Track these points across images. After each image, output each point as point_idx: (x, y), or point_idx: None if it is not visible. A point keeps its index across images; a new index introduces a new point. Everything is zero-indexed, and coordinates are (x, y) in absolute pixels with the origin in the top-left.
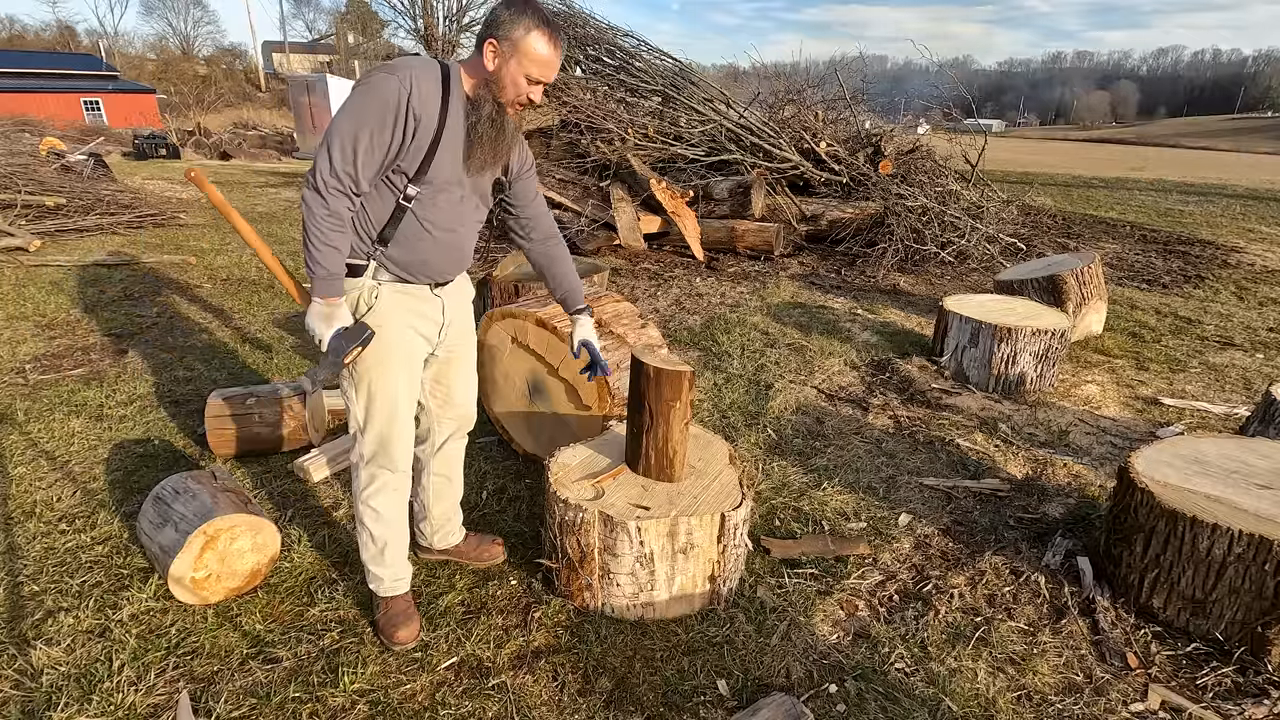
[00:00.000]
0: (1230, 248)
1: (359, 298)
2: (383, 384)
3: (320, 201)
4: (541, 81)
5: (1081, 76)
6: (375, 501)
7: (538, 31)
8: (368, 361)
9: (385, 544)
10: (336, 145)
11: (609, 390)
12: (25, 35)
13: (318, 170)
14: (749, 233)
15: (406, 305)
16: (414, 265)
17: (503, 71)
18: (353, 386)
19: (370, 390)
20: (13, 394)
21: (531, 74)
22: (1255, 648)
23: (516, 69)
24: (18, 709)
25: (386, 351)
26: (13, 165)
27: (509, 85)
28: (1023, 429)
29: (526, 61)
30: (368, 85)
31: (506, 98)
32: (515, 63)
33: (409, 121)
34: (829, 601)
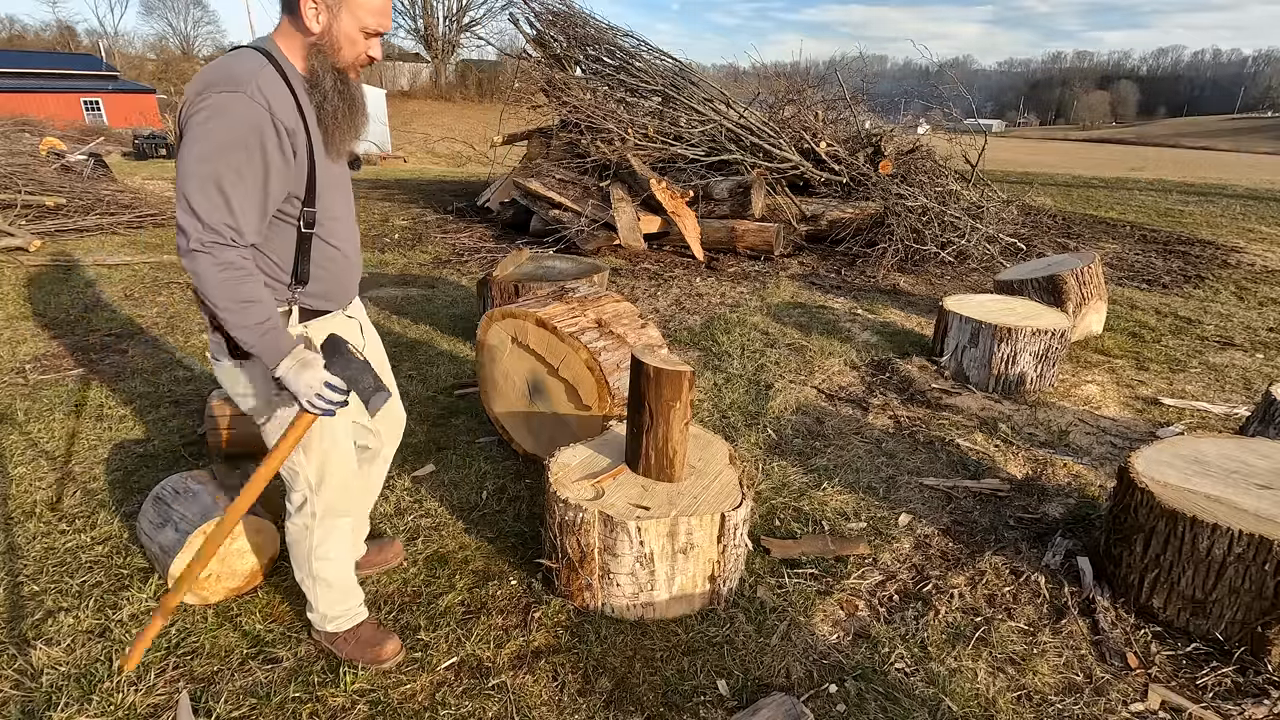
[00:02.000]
0: (1230, 248)
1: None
2: (333, 434)
3: (206, 260)
4: (380, 32)
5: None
6: (332, 550)
7: None
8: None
9: (345, 583)
10: (198, 197)
11: (609, 390)
12: (25, 35)
13: (186, 233)
14: (749, 233)
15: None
16: (333, 294)
17: (334, 30)
18: (299, 448)
19: (335, 434)
20: (13, 394)
21: (368, 25)
22: (1255, 648)
23: (350, 22)
24: (18, 709)
25: None
26: (13, 165)
27: (345, 45)
28: (1023, 429)
29: (360, 11)
30: (212, 115)
31: (345, 60)
32: (347, 16)
33: (283, 141)
34: (829, 601)
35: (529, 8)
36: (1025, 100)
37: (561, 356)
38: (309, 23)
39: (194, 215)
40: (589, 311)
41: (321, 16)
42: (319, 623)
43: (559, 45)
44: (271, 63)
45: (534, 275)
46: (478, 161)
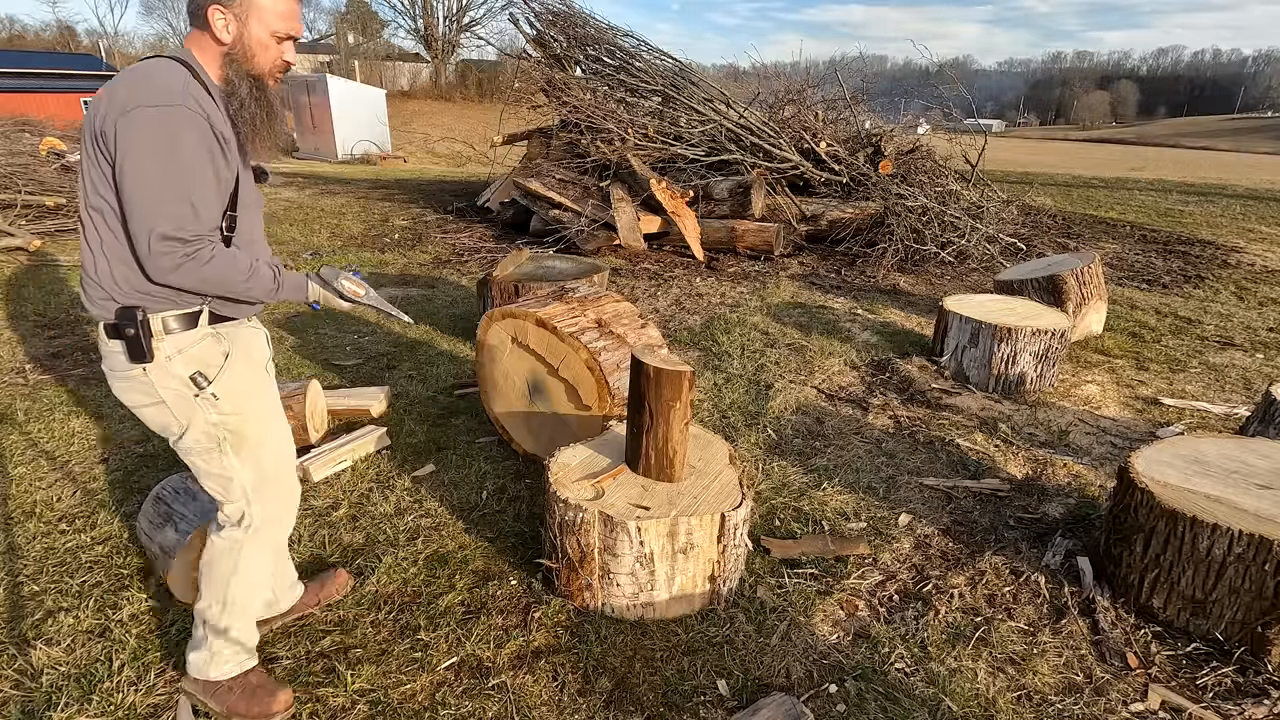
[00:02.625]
0: (1230, 248)
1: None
2: (270, 430)
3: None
4: (292, 36)
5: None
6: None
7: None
8: (243, 412)
9: (250, 619)
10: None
11: (609, 390)
12: (25, 35)
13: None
14: (749, 233)
15: (249, 343)
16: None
17: (245, 39)
18: (228, 453)
19: (261, 440)
20: (13, 394)
21: (278, 29)
22: (1255, 648)
23: (259, 29)
24: (18, 709)
25: (256, 387)
26: (13, 165)
27: (258, 51)
28: (1023, 429)
29: (269, 16)
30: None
31: (260, 67)
32: (256, 22)
33: (223, 150)
34: (829, 601)
35: (529, 8)
36: (1025, 100)
37: (561, 356)
38: (219, 33)
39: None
40: (589, 311)
41: (231, 26)
42: (200, 666)
43: (559, 45)
44: (191, 74)
45: (534, 275)
46: (478, 161)
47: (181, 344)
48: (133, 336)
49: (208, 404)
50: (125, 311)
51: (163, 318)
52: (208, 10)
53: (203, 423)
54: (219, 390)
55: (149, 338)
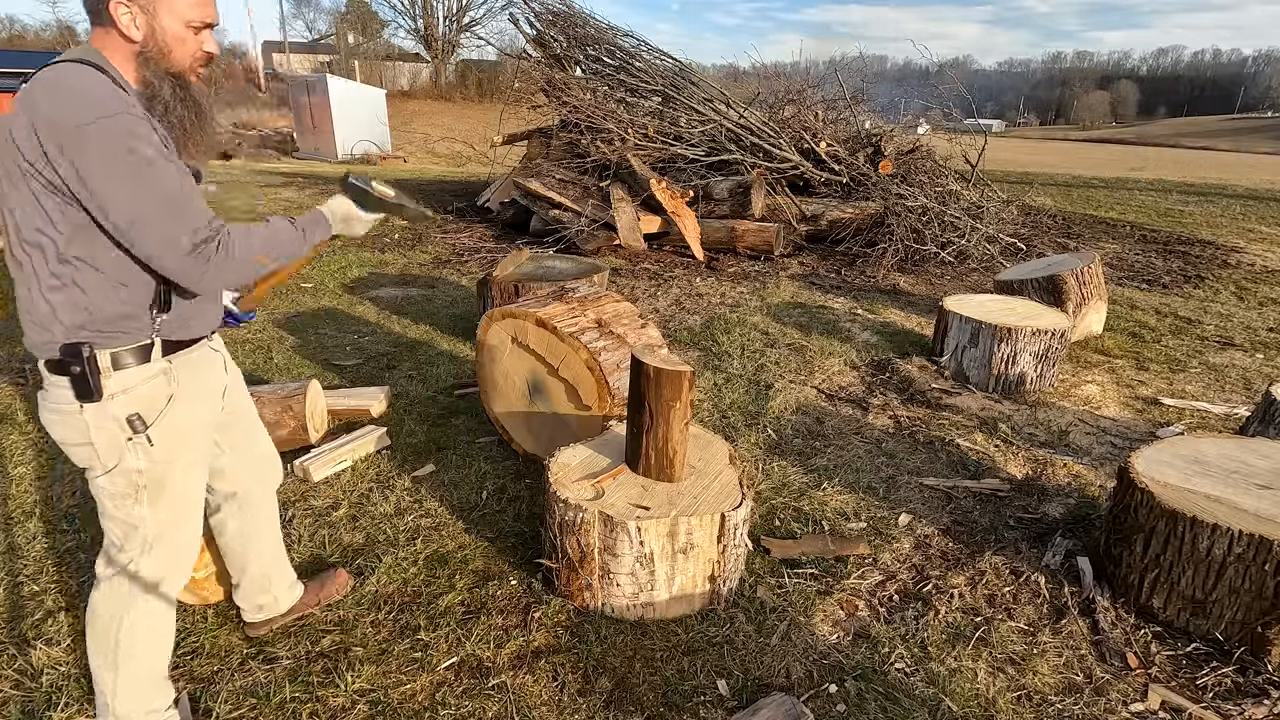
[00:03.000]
0: (1230, 248)
1: (153, 390)
2: (192, 483)
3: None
4: (208, 24)
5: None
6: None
7: None
8: (171, 461)
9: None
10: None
11: (609, 390)
12: (25, 35)
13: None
14: (749, 233)
15: (197, 380)
16: (195, 319)
17: (158, 33)
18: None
19: (177, 493)
20: (13, 394)
21: (191, 18)
22: (1255, 648)
23: (170, 20)
24: (18, 709)
25: (192, 442)
26: None
27: (175, 46)
28: (1023, 429)
29: (180, 5)
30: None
31: (179, 63)
32: (166, 13)
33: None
34: (829, 601)
35: (529, 8)
36: (1025, 100)
37: (561, 356)
38: (127, 30)
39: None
40: (589, 311)
41: (139, 21)
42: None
43: (559, 45)
44: (109, 79)
45: (534, 275)
46: (478, 161)
47: (128, 382)
48: (79, 374)
49: (139, 449)
50: (70, 348)
51: (111, 353)
52: (109, 5)
53: (127, 469)
54: (155, 435)
55: (96, 375)
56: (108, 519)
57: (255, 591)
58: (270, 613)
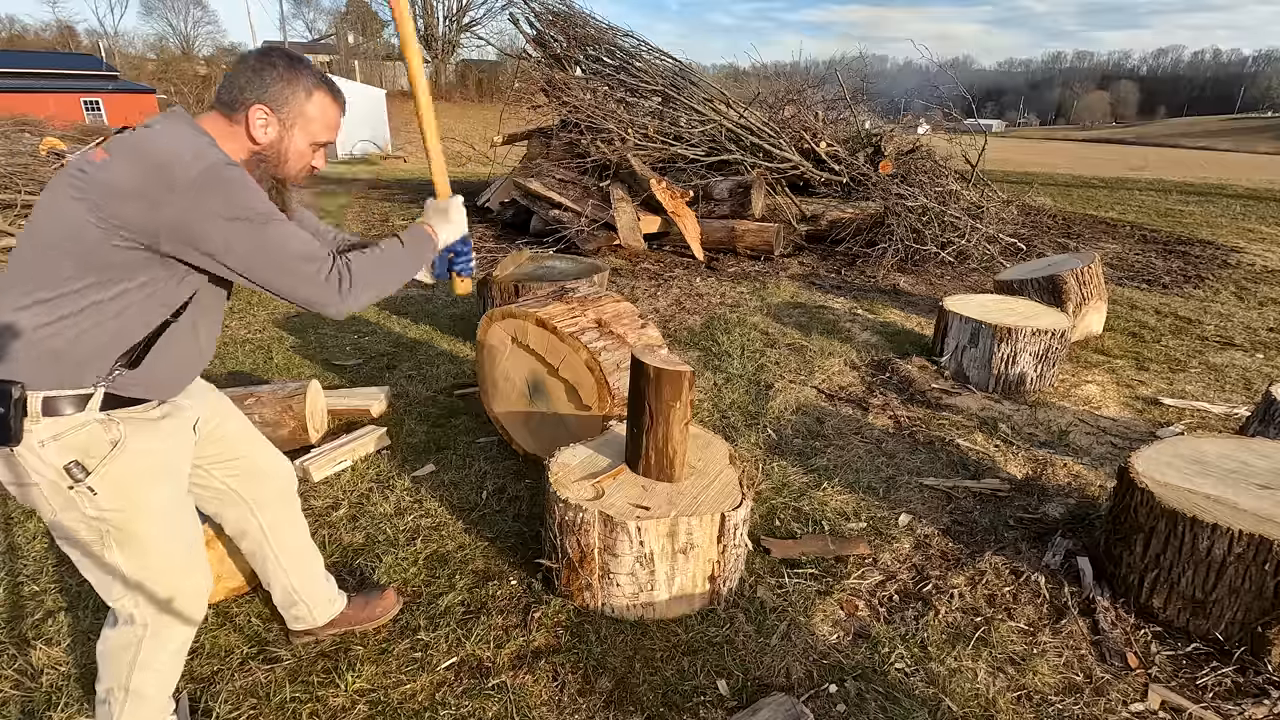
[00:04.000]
0: (1230, 248)
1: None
2: (157, 525)
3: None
4: (328, 143)
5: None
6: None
7: (321, 92)
8: (124, 509)
9: (161, 700)
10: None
11: (609, 390)
12: (25, 35)
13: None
14: (749, 233)
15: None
16: (163, 383)
17: (283, 145)
18: (109, 547)
19: (142, 536)
20: None
21: (320, 139)
22: (1255, 648)
23: (302, 138)
24: (18, 709)
25: (147, 482)
26: (13, 165)
27: (293, 158)
28: (1023, 429)
29: (315, 128)
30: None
31: (289, 173)
32: (300, 131)
33: None
34: (829, 601)
35: (529, 8)
36: (1025, 100)
37: (561, 356)
38: (255, 132)
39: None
40: (589, 311)
41: (271, 129)
42: None
43: (559, 45)
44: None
45: (534, 275)
46: (478, 161)
47: (57, 429)
48: (1, 415)
49: (83, 498)
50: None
51: (44, 396)
52: (250, 108)
53: (78, 516)
54: (97, 484)
55: (20, 418)
56: (84, 570)
57: (285, 604)
58: (307, 624)
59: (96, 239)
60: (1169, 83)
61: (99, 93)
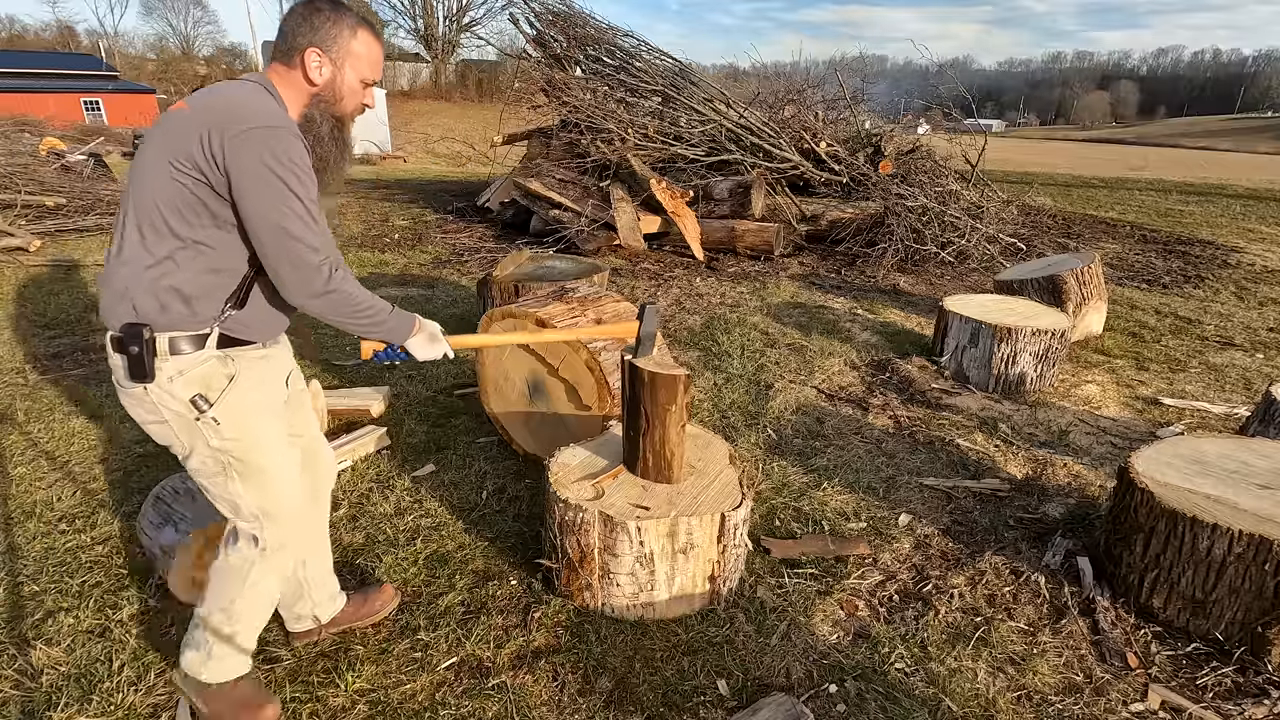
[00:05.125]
0: (1230, 248)
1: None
2: (273, 453)
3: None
4: (376, 82)
5: (1081, 76)
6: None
7: (364, 30)
8: (243, 438)
9: (254, 630)
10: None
11: (609, 390)
12: (25, 35)
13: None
14: (749, 233)
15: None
16: (260, 329)
17: (337, 82)
18: (233, 477)
19: (263, 467)
20: (13, 394)
21: (367, 76)
22: (1255, 648)
23: (352, 75)
24: (18, 709)
25: (260, 414)
26: (13, 165)
27: (347, 95)
28: (1023, 429)
29: (362, 65)
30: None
31: (346, 109)
32: (350, 68)
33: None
34: (829, 601)
35: (529, 8)
36: (1025, 100)
37: (561, 356)
38: (311, 74)
39: (309, 250)
40: (589, 311)
41: (325, 70)
42: (194, 665)
43: (559, 45)
44: (278, 103)
45: (534, 275)
46: (478, 161)
47: (184, 365)
48: (135, 354)
49: (209, 428)
50: (131, 328)
51: (169, 337)
52: (304, 52)
53: (205, 447)
54: (220, 414)
55: (152, 357)
56: (212, 499)
57: (292, 599)
58: (307, 624)
59: (179, 183)
60: (1169, 83)
61: (99, 93)
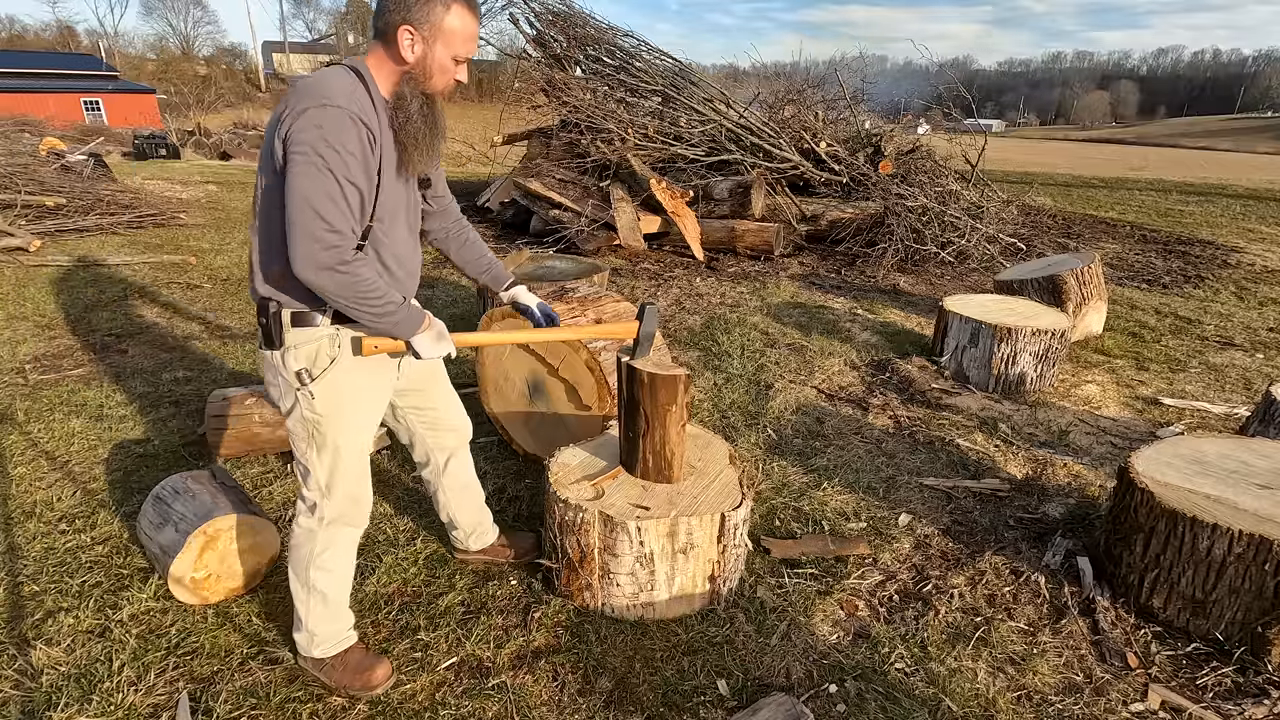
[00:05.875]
0: (1230, 248)
1: (317, 350)
2: (350, 438)
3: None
4: (469, 58)
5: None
6: (333, 561)
7: (458, 5)
8: (331, 417)
9: (340, 600)
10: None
11: (609, 390)
12: (25, 35)
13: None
14: (749, 233)
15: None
16: None
17: (428, 60)
18: (313, 446)
19: (338, 447)
20: (13, 394)
21: (460, 53)
22: (1255, 648)
23: (443, 52)
24: (18, 709)
25: (351, 403)
26: (13, 165)
27: (437, 73)
28: (1023, 429)
29: (455, 41)
30: (318, 130)
31: (436, 87)
32: (441, 46)
33: (373, 143)
34: (829, 601)
35: (529, 8)
36: (1025, 100)
37: (561, 357)
38: (404, 52)
39: (326, 228)
40: (589, 311)
41: (417, 47)
42: (305, 645)
43: (559, 45)
44: (362, 83)
45: (534, 275)
46: (478, 161)
47: (299, 339)
48: (265, 325)
49: (305, 399)
50: (263, 301)
51: (292, 312)
52: (398, 30)
53: (299, 413)
54: (316, 390)
55: (278, 328)
56: (296, 460)
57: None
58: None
59: (274, 162)
60: (1169, 83)
61: (99, 93)
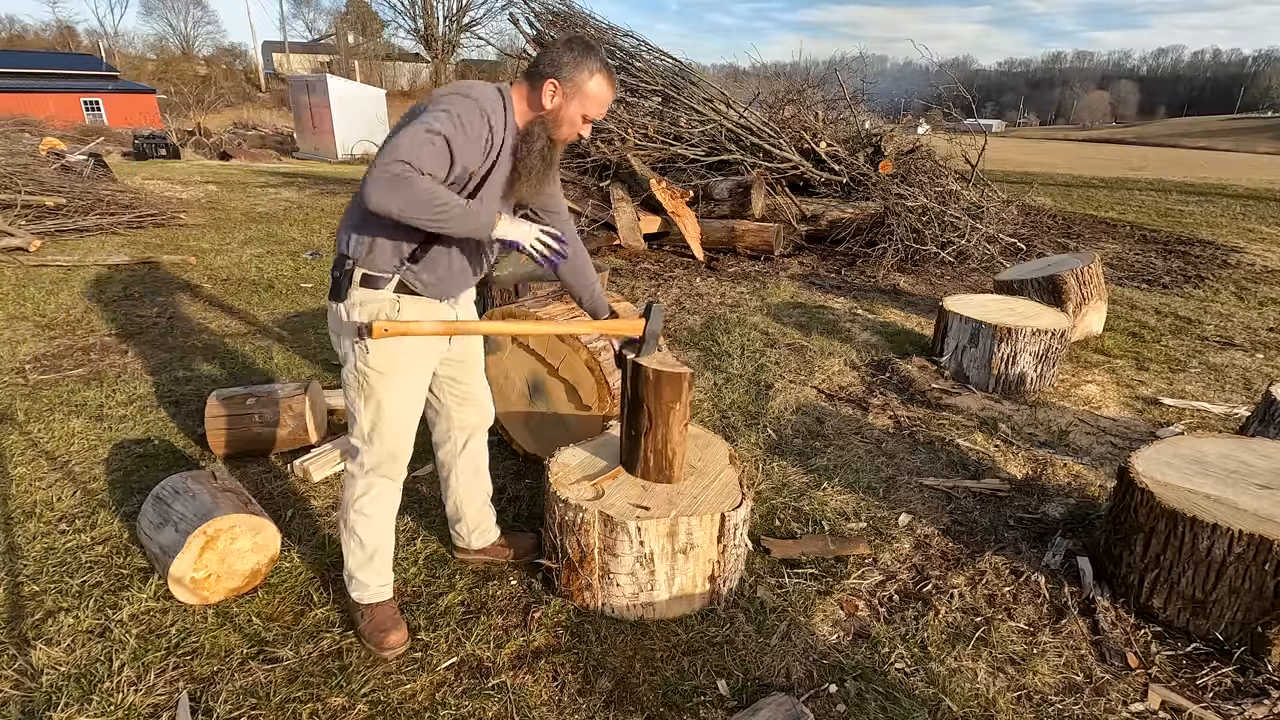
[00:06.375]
0: (1230, 248)
1: (378, 311)
2: (395, 396)
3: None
4: (596, 119)
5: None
6: (370, 508)
7: (601, 76)
8: (381, 374)
9: (375, 550)
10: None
11: (609, 390)
12: (25, 35)
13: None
14: (749, 233)
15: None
16: (435, 286)
17: (562, 111)
18: (361, 396)
19: (381, 402)
20: (13, 394)
21: (590, 114)
22: (1255, 648)
23: (576, 109)
24: (18, 709)
25: (402, 365)
26: (13, 165)
27: (565, 124)
28: (1023, 429)
29: (589, 103)
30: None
31: (561, 135)
32: (576, 103)
33: (490, 144)
34: (829, 601)
35: (529, 8)
36: (1025, 100)
37: (561, 357)
38: (545, 100)
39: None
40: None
41: (556, 98)
42: (347, 584)
43: None
44: (503, 101)
45: (534, 275)
46: None
47: (364, 298)
48: (336, 278)
49: (360, 351)
50: (341, 258)
51: (363, 273)
52: (545, 80)
53: (354, 364)
54: (372, 346)
55: (347, 284)
56: (348, 407)
57: (453, 518)
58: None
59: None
60: (1169, 83)
61: (99, 93)
